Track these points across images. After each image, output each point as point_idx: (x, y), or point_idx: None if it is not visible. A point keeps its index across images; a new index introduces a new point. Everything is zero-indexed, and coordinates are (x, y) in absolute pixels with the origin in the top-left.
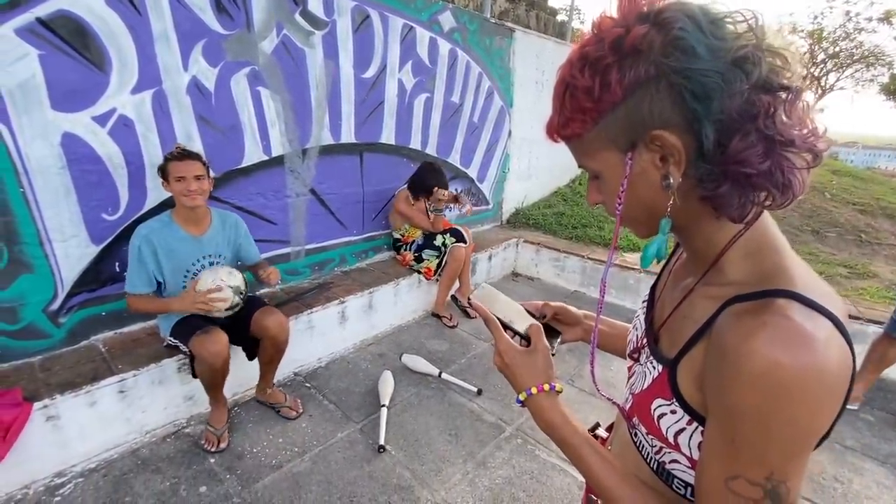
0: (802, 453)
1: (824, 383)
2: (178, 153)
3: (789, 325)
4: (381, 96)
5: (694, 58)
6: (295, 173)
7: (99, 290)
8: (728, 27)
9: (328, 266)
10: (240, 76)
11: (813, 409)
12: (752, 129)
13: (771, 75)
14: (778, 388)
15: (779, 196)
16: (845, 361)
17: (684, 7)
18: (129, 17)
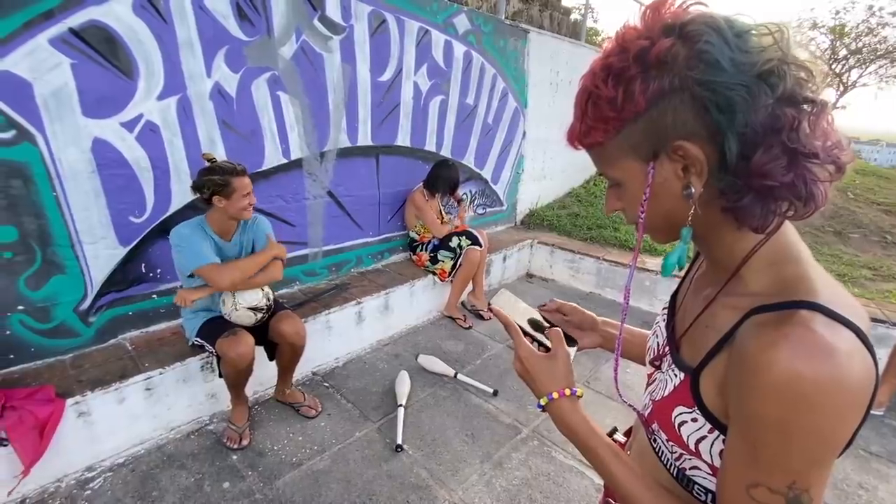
0: (825, 463)
1: (846, 394)
2: (241, 169)
3: (812, 336)
4: (396, 99)
5: (719, 71)
6: (313, 176)
7: (126, 291)
8: (753, 40)
9: (345, 267)
10: (260, 81)
11: (834, 419)
12: (776, 142)
13: (796, 89)
14: (800, 398)
15: (801, 207)
16: (868, 372)
17: (710, 20)
18: (155, 26)
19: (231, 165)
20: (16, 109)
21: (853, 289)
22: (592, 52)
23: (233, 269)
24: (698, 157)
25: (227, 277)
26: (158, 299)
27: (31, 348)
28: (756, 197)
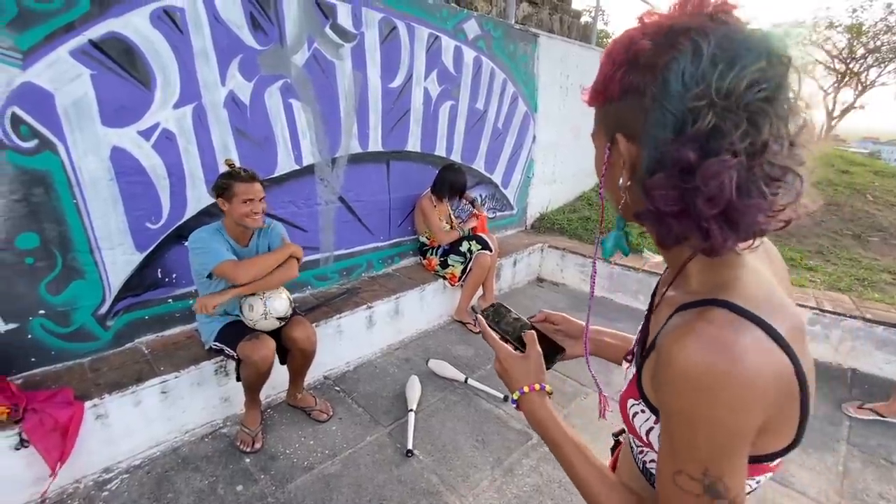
0: (734, 453)
1: (741, 387)
2: (247, 175)
3: (712, 331)
4: (407, 105)
5: (666, 91)
6: (324, 182)
7: (143, 295)
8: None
9: (356, 272)
10: (273, 89)
11: (732, 410)
12: (672, 174)
13: (715, 137)
14: (697, 390)
15: (699, 242)
16: (770, 366)
17: (704, 36)
18: (172, 37)
19: (238, 170)
20: (38, 119)
21: (873, 294)
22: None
23: (251, 265)
24: (624, 152)
25: (246, 273)
26: (174, 304)
27: (51, 352)
28: (648, 214)
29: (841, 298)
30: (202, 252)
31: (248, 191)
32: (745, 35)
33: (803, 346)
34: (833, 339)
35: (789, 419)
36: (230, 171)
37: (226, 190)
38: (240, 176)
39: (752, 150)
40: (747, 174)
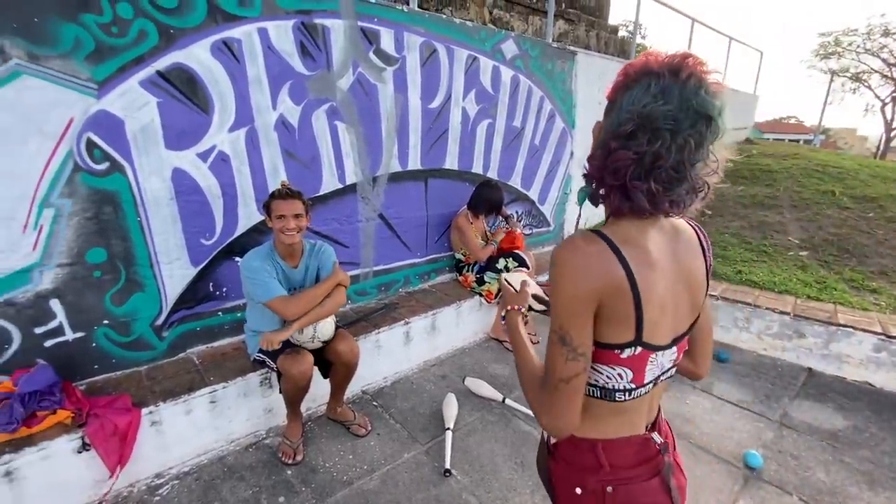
0: (574, 313)
1: (576, 266)
2: (283, 192)
3: (570, 242)
4: (445, 124)
5: (620, 104)
6: (366, 199)
7: (195, 308)
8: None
9: (393, 287)
10: (320, 112)
11: (571, 280)
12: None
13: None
14: (555, 267)
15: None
16: (601, 263)
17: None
18: (229, 65)
19: (279, 189)
20: (110, 144)
21: None
22: None
23: (299, 301)
24: (595, 134)
25: (296, 309)
26: (223, 316)
27: (112, 359)
28: (587, 178)
29: None
30: (253, 283)
31: (281, 207)
32: (682, 87)
33: (650, 274)
34: None
35: (626, 318)
36: (274, 190)
37: (266, 207)
38: (278, 193)
39: (649, 155)
40: (643, 169)
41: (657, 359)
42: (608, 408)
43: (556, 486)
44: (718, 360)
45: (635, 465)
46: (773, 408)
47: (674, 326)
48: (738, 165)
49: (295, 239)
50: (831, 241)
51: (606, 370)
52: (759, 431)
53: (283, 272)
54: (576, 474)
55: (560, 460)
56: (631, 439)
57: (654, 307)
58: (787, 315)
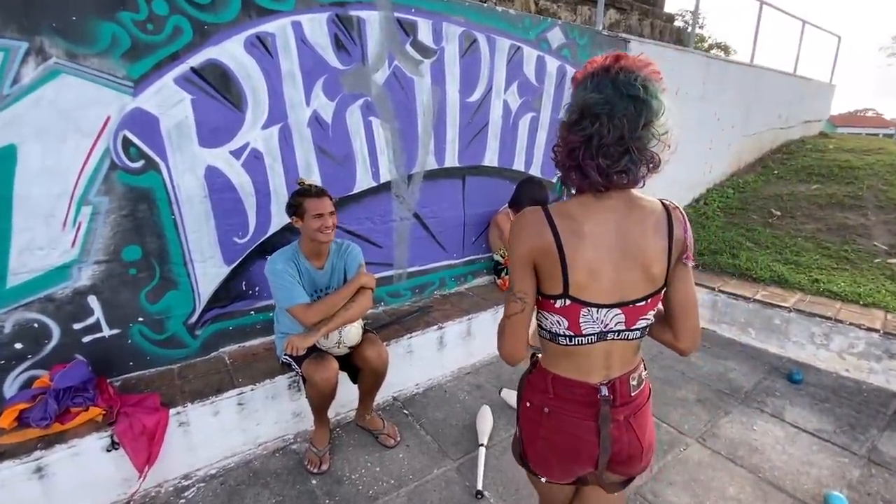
0: (515, 267)
1: (516, 235)
2: (316, 190)
3: (523, 211)
4: (485, 119)
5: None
6: (400, 198)
7: (228, 307)
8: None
9: (428, 289)
10: (354, 108)
11: (513, 244)
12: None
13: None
14: (509, 234)
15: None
16: (535, 228)
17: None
18: (263, 61)
19: (307, 187)
20: (145, 141)
21: None
22: (699, 59)
23: (320, 308)
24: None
25: (314, 317)
26: (256, 315)
27: (146, 356)
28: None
29: None
30: (276, 287)
31: (318, 206)
32: (613, 79)
33: (577, 241)
34: None
35: (555, 275)
36: (300, 189)
37: (298, 207)
38: (310, 192)
39: (595, 136)
40: (591, 149)
41: (591, 314)
42: (558, 350)
43: (521, 397)
44: (791, 381)
45: (576, 402)
46: (860, 440)
47: (615, 291)
48: (811, 161)
49: (331, 237)
50: None
51: (549, 316)
52: (843, 468)
53: (308, 274)
54: (531, 390)
55: (528, 380)
56: (579, 383)
57: (579, 269)
58: (877, 332)
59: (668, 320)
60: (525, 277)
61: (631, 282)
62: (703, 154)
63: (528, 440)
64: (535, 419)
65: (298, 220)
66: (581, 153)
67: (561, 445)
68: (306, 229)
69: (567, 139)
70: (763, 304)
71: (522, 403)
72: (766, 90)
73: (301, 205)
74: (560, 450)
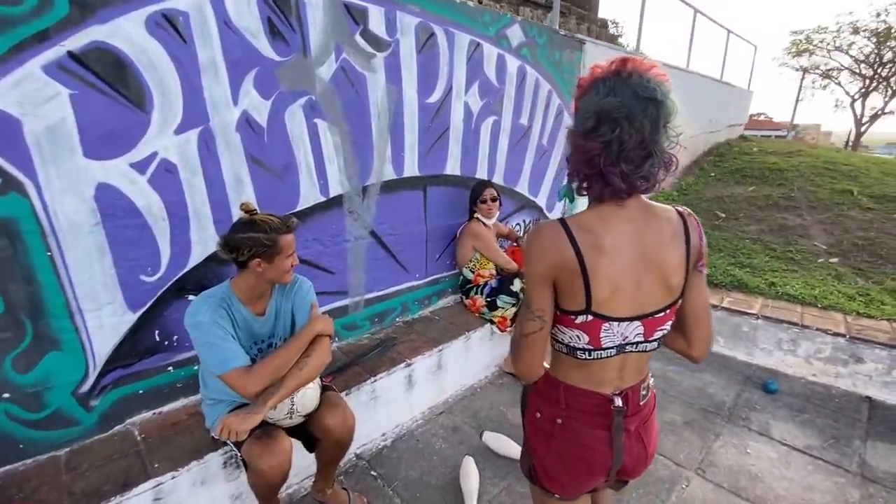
0: (532, 283)
1: (536, 249)
2: (291, 224)
3: (537, 226)
4: (446, 122)
5: (579, 108)
6: (354, 214)
7: (136, 365)
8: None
9: (389, 316)
10: (295, 108)
11: (531, 259)
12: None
13: (593, 131)
14: (525, 248)
15: (590, 192)
16: (555, 244)
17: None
18: (172, 47)
19: (278, 221)
20: (1, 153)
21: None
22: None
23: (265, 370)
24: (568, 139)
25: (259, 384)
26: (175, 372)
27: (19, 445)
28: (570, 175)
29: None
30: (202, 347)
31: (292, 243)
32: (626, 82)
33: (599, 256)
34: None
35: (577, 290)
36: (267, 223)
37: (270, 247)
38: (285, 227)
39: (615, 141)
40: (612, 155)
41: (613, 328)
42: (574, 362)
43: (528, 408)
44: (767, 391)
45: (589, 412)
46: (847, 454)
47: (635, 304)
48: (742, 164)
49: (291, 277)
50: (861, 245)
51: (567, 331)
52: (843, 490)
53: (245, 323)
54: (540, 401)
55: (535, 389)
56: (592, 393)
57: (601, 283)
58: (843, 337)
59: (681, 328)
60: (543, 295)
61: (651, 293)
62: None
63: (539, 454)
64: (547, 431)
65: (264, 262)
66: (602, 160)
67: (574, 458)
68: (272, 273)
69: (584, 147)
70: (730, 312)
71: (530, 414)
72: (700, 95)
73: (276, 243)
74: (573, 462)
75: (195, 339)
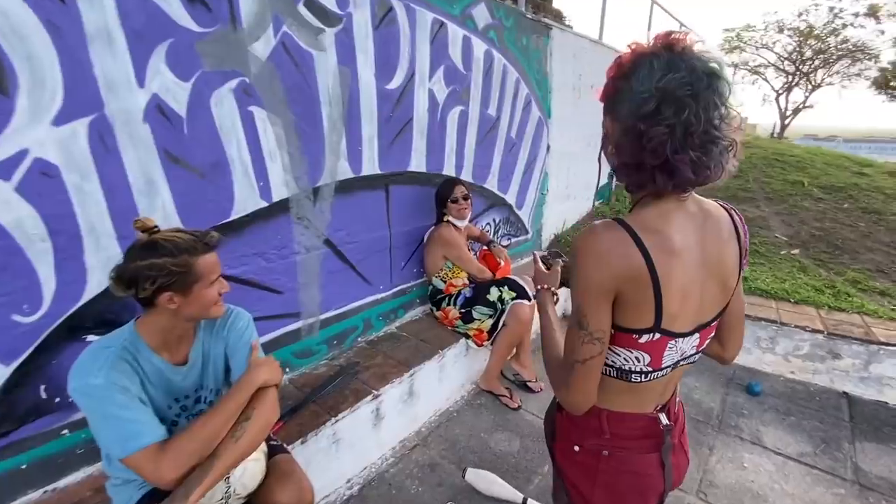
0: (592, 299)
1: (596, 254)
2: (212, 240)
3: (592, 229)
4: (409, 112)
5: (630, 89)
6: (304, 221)
7: (15, 433)
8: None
9: (350, 337)
10: (224, 92)
11: (590, 270)
12: (631, 139)
13: (655, 115)
14: (577, 257)
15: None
16: (620, 250)
17: (656, 59)
18: (45, 9)
19: (189, 238)
20: None
21: None
22: (610, 52)
23: (186, 447)
24: (608, 128)
25: (177, 467)
26: (73, 435)
27: None
28: (621, 168)
29: None
30: (93, 419)
31: (214, 265)
32: (682, 57)
33: (671, 261)
34: None
35: (645, 304)
36: (174, 242)
37: (182, 276)
38: (201, 245)
39: (680, 125)
40: (677, 140)
41: (677, 345)
42: (622, 386)
43: (558, 439)
44: (752, 394)
45: (636, 437)
46: (840, 459)
47: (698, 314)
48: None
49: (223, 308)
50: (818, 236)
51: (624, 353)
52: (844, 502)
53: (159, 377)
54: (578, 433)
55: (567, 418)
56: (638, 416)
57: (674, 295)
58: (821, 333)
59: (719, 331)
60: (603, 312)
61: (711, 300)
62: None
63: (585, 492)
64: (591, 465)
65: (178, 296)
66: (668, 148)
67: (626, 489)
68: (192, 308)
69: (648, 133)
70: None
71: (564, 448)
72: None
73: (190, 268)
74: (626, 495)
75: (85, 410)
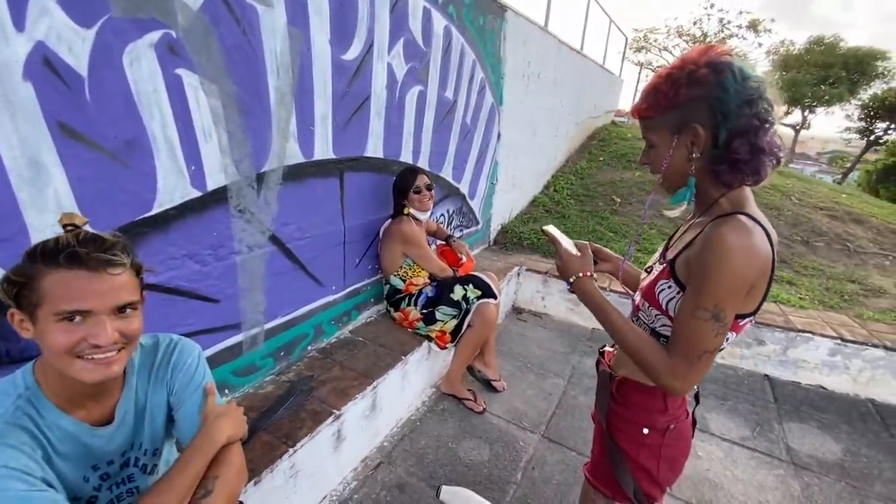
0: (736, 294)
1: (753, 254)
2: (79, 248)
3: (742, 225)
4: (367, 89)
5: (727, 93)
6: (246, 214)
7: None
8: (750, 82)
9: (299, 346)
10: (141, 48)
11: (744, 266)
12: (747, 138)
13: (762, 112)
14: (727, 251)
15: (751, 177)
16: (763, 250)
17: (731, 64)
18: None
19: (68, 240)
20: None
21: (855, 308)
22: (554, 42)
23: None
24: (703, 135)
25: None
26: None
27: None
28: (729, 165)
29: (846, 322)
30: None
31: (78, 291)
32: (743, 64)
33: (774, 251)
34: (853, 370)
35: (761, 291)
36: (49, 242)
37: (21, 288)
38: (63, 256)
39: (769, 121)
40: (768, 133)
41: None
42: None
43: (621, 426)
44: None
45: (681, 406)
46: (774, 440)
47: None
48: (625, 149)
49: (113, 370)
50: None
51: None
52: (785, 484)
53: (72, 445)
54: (645, 416)
55: (629, 405)
56: None
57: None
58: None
59: None
60: (739, 304)
61: None
62: (552, 140)
63: (651, 469)
64: (657, 443)
65: (25, 320)
66: (769, 139)
67: (682, 455)
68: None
69: (763, 125)
70: None
71: (633, 434)
72: (589, 80)
73: (30, 282)
74: (682, 460)
75: None
